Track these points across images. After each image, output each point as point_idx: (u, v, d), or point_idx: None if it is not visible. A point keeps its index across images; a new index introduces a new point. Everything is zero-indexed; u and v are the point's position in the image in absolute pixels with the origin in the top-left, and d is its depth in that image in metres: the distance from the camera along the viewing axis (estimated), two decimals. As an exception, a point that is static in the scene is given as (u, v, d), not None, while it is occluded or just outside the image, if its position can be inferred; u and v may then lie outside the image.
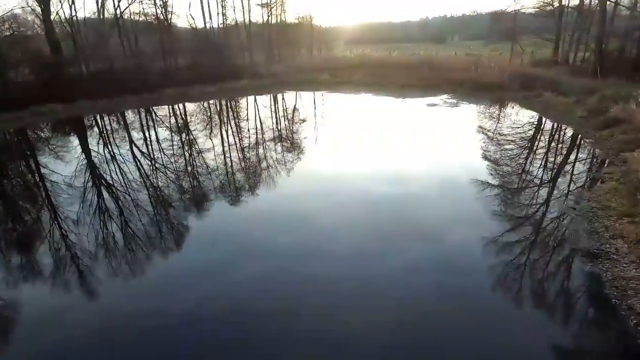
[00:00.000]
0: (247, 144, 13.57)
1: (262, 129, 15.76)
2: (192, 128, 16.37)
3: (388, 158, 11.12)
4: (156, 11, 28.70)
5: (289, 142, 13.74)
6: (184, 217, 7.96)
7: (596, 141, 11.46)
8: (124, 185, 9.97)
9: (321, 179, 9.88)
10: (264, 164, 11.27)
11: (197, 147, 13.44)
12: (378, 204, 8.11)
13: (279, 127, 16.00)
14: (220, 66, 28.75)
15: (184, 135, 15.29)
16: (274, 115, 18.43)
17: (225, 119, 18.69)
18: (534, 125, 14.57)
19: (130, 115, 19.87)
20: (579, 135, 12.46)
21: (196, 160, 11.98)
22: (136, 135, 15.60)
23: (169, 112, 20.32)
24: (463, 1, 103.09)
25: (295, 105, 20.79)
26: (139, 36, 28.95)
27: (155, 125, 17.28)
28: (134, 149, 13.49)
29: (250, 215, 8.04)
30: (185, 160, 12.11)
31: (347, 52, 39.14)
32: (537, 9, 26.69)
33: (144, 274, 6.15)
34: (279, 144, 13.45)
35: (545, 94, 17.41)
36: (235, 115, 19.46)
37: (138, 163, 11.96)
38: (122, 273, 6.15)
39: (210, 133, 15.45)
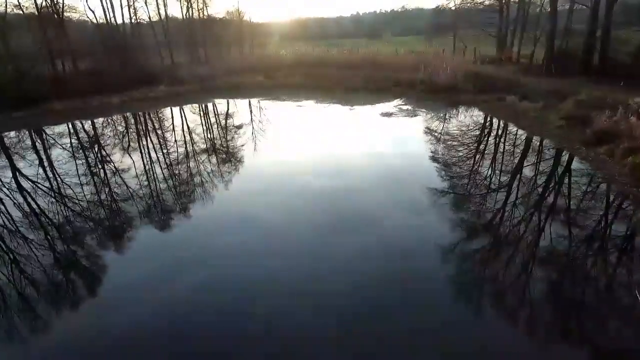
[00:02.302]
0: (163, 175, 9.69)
1: (170, 165, 11.81)
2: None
3: (345, 200, 8.05)
4: (36, 2, 22.51)
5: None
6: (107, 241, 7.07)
7: (595, 163, 9.44)
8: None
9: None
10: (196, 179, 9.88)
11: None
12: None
13: (197, 167, 12.14)
14: (129, 71, 23.69)
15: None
16: (192, 138, 14.45)
17: (112, 144, 14.24)
18: (510, 140, 12.42)
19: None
20: (568, 154, 10.43)
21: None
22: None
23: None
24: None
25: (220, 122, 16.89)
26: (12, 33, 22.61)
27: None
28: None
29: (186, 223, 7.59)
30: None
31: (282, 50, 35.53)
32: (480, 4, 25.50)
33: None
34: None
35: (507, 97, 15.63)
36: (138, 134, 15.06)
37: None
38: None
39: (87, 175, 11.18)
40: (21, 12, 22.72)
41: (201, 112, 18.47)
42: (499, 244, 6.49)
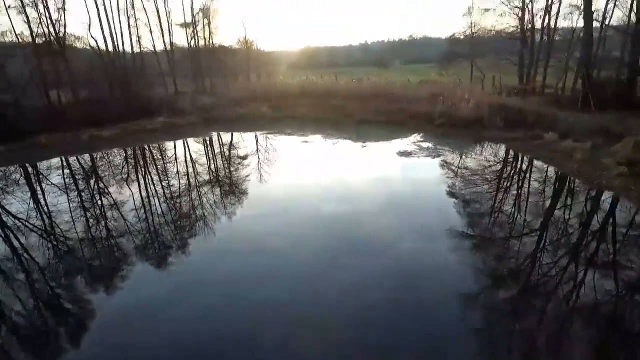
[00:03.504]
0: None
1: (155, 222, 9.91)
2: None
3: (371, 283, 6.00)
4: (30, 29, 21.58)
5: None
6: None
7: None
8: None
9: None
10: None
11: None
12: None
13: (199, 199, 10.24)
14: (126, 101, 22.38)
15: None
16: (189, 172, 12.61)
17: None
18: (559, 191, 10.26)
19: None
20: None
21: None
22: None
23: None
24: (399, 27, 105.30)
25: (217, 162, 15.12)
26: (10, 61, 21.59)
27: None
28: None
29: (192, 250, 7.53)
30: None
31: (289, 78, 34.39)
32: (500, 32, 24.02)
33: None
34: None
35: (544, 134, 13.61)
36: (130, 169, 13.26)
37: None
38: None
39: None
40: (17, 40, 21.68)
41: (196, 148, 16.75)
42: None
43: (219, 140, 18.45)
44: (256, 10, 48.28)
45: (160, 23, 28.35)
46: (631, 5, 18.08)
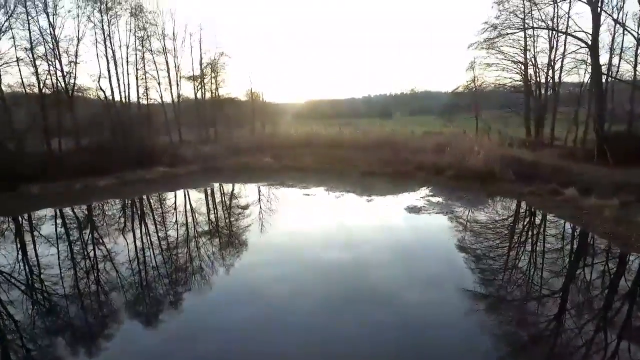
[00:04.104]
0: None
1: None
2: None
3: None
4: (38, 80, 21.84)
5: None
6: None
7: None
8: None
9: None
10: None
11: None
12: None
13: (196, 251, 9.16)
14: (128, 149, 22.02)
15: None
16: (188, 224, 11.61)
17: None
18: (596, 259, 9.04)
19: None
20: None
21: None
22: None
23: None
24: (402, 81, 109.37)
25: (217, 213, 14.23)
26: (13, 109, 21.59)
27: None
28: None
29: (192, 299, 7.24)
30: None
31: (293, 129, 34.52)
32: (504, 86, 24.12)
33: None
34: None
35: (564, 190, 12.69)
36: (125, 221, 12.27)
37: None
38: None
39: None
40: (24, 90, 21.88)
41: (195, 198, 15.92)
42: None
43: (220, 190, 17.79)
44: (263, 65, 50.21)
45: (169, 76, 29.01)
46: (636, 59, 18.06)
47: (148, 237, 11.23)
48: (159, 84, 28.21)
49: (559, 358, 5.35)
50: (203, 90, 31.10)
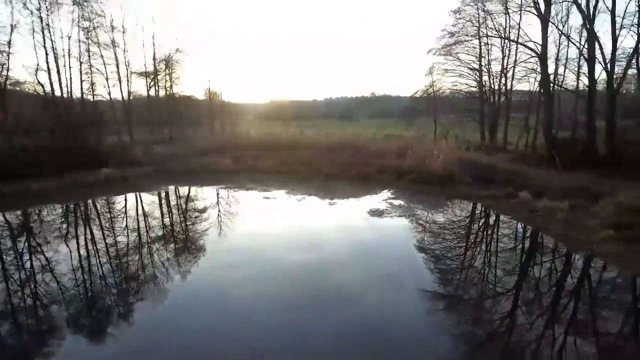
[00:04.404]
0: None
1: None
2: None
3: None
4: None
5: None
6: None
7: None
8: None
9: None
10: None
11: None
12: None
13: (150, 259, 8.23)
14: (70, 150, 20.10)
15: None
16: (139, 229, 10.56)
17: None
18: (552, 260, 9.29)
19: None
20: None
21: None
22: None
23: None
24: (363, 84, 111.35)
25: (169, 218, 13.22)
26: None
27: None
28: None
29: (145, 305, 6.86)
30: None
31: (253, 131, 33.65)
32: (460, 92, 24.91)
33: None
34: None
35: (518, 193, 13.10)
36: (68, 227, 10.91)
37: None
38: None
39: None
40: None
41: (147, 202, 14.73)
42: None
43: (175, 193, 16.71)
44: (223, 63, 48.69)
45: (119, 71, 27.07)
46: (579, 69, 19.22)
47: (94, 245, 10.21)
48: (106, 79, 26.27)
49: (512, 354, 5.56)
50: (157, 88, 29.40)
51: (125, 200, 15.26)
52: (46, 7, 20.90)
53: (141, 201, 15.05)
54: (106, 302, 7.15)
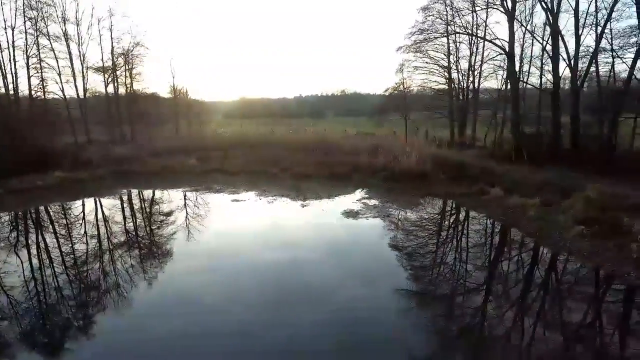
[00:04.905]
0: None
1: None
2: None
3: None
4: None
5: None
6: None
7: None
8: None
9: None
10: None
11: None
12: None
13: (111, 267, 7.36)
14: (12, 151, 18.30)
15: None
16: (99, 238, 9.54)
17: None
18: (530, 259, 9.24)
19: None
20: (625, 286, 7.41)
21: None
22: None
23: None
24: (333, 82, 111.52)
25: (125, 229, 12.20)
26: None
27: None
28: None
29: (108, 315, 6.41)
30: None
31: (222, 129, 32.47)
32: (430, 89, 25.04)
33: None
34: None
35: (490, 189, 13.11)
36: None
37: None
38: None
39: None
40: None
41: (104, 207, 13.56)
42: None
43: (138, 196, 15.67)
44: (189, 60, 46.82)
45: (73, 66, 25.12)
46: (542, 66, 19.62)
47: (47, 254, 9.38)
48: (59, 74, 24.30)
49: (484, 348, 5.65)
50: (115, 84, 27.59)
51: (83, 205, 14.09)
52: (-16, -6, 18.90)
53: (101, 205, 13.92)
54: (63, 315, 6.59)
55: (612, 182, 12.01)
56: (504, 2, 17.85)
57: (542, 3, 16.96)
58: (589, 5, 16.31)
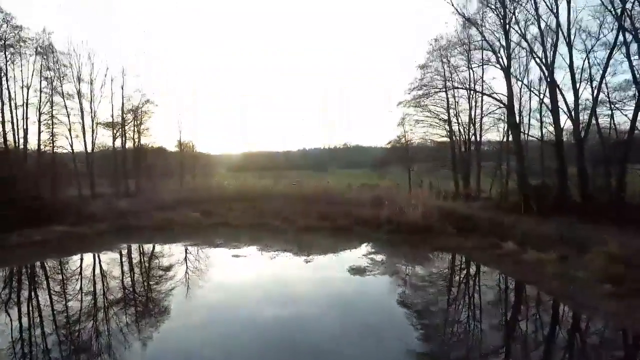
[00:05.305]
0: None
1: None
2: None
3: None
4: None
5: None
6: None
7: None
8: None
9: None
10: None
11: None
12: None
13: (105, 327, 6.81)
14: (11, 205, 18.15)
15: None
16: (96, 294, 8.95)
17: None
18: (555, 322, 8.50)
19: None
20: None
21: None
22: None
23: None
24: (336, 135, 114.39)
25: (123, 285, 11.64)
26: None
27: None
28: None
29: None
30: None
31: (226, 181, 32.61)
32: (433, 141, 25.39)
33: None
34: None
35: (502, 243, 12.59)
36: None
37: None
38: None
39: None
40: None
41: (104, 263, 13.04)
42: None
43: (139, 251, 15.24)
44: (196, 114, 48.47)
45: (83, 122, 25.84)
46: (541, 118, 19.84)
47: (38, 312, 8.95)
48: (69, 130, 24.93)
49: None
50: (123, 139, 28.19)
51: (81, 260, 13.63)
52: (5, 56, 19.96)
53: (99, 261, 13.47)
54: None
55: (624, 232, 11.55)
56: (499, 59, 18.61)
57: (536, 59, 17.63)
58: (584, 62, 16.86)
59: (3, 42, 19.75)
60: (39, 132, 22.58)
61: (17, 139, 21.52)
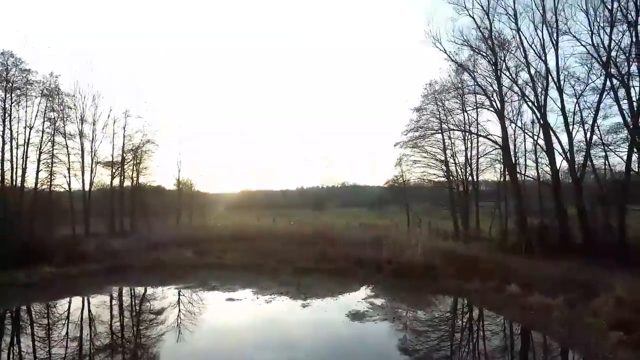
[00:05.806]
0: None
1: None
2: None
3: None
4: None
5: None
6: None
7: None
8: None
9: None
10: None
11: None
12: None
13: None
14: (8, 244, 17.68)
15: None
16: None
17: None
18: None
19: None
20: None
21: None
22: None
23: None
24: (333, 174, 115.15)
25: (111, 330, 11.09)
26: None
27: None
28: None
29: None
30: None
31: (223, 220, 32.32)
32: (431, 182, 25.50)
33: None
34: None
35: (505, 286, 12.21)
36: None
37: None
38: None
39: None
40: None
41: (92, 307, 12.48)
42: None
43: (130, 293, 14.70)
44: (195, 153, 49.02)
45: (83, 161, 25.97)
46: (536, 159, 20.02)
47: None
48: (68, 169, 24.98)
49: None
50: (122, 178, 28.19)
51: (69, 303, 13.06)
52: (11, 98, 20.39)
53: (88, 304, 12.90)
54: None
55: (629, 275, 11.21)
56: (493, 103, 19.17)
57: (528, 103, 18.17)
58: (575, 105, 17.35)
59: (11, 84, 20.28)
60: (37, 171, 22.58)
61: (14, 178, 21.44)
